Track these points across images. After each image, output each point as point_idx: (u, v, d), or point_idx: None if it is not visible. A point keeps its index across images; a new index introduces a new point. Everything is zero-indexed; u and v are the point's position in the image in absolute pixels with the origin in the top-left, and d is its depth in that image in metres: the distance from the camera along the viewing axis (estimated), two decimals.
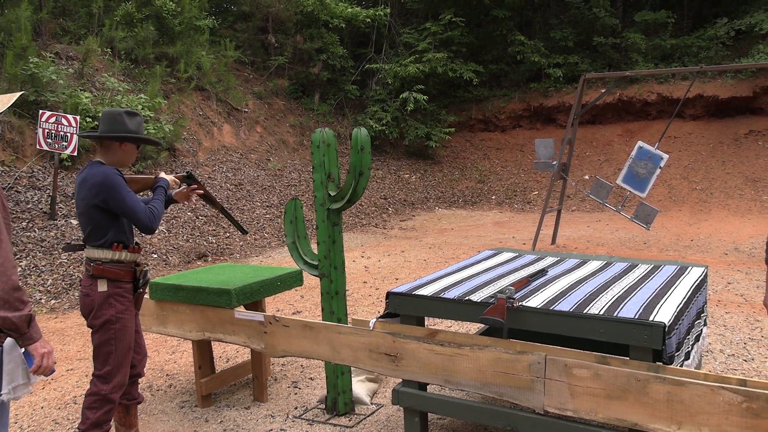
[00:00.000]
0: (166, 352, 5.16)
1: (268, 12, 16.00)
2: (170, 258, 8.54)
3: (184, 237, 9.29)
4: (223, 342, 3.76)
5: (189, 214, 9.96)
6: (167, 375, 4.64)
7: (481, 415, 3.01)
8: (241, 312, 3.59)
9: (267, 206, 11.53)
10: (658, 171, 8.70)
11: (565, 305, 2.82)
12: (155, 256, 8.51)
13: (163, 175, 3.33)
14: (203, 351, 4.03)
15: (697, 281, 3.33)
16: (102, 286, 2.95)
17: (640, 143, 8.93)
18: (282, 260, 8.75)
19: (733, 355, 4.67)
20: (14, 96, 2.51)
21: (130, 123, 3.05)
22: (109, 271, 2.96)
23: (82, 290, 3.02)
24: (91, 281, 2.97)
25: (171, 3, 12.69)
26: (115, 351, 2.99)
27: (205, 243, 9.33)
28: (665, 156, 8.75)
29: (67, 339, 5.62)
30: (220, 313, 3.67)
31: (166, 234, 9.17)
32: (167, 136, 10.72)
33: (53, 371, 2.42)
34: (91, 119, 9.25)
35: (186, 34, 13.34)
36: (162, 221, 9.33)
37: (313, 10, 15.65)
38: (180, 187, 3.41)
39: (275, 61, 15.79)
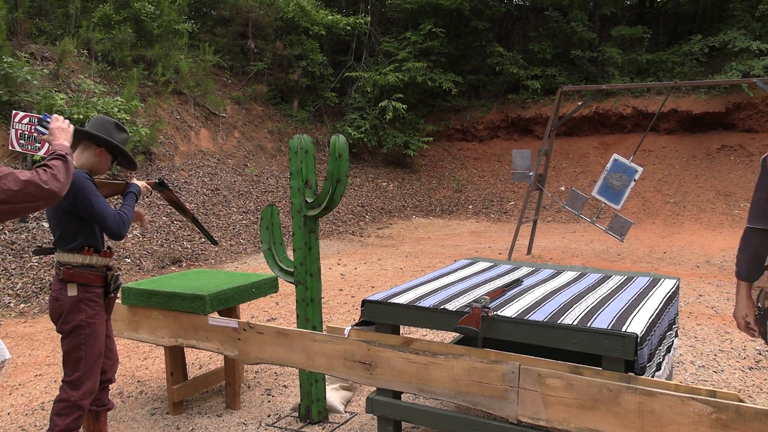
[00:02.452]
0: (138, 358, 5.09)
1: (248, 17, 15.96)
2: (144, 263, 8.44)
3: (159, 242, 9.19)
4: (197, 348, 3.72)
5: (164, 218, 9.86)
6: (138, 381, 4.57)
7: (455, 424, 3.01)
8: (214, 318, 3.56)
9: (243, 212, 11.45)
10: (633, 184, 8.79)
11: (540, 315, 2.84)
12: (129, 260, 8.40)
13: (135, 181, 3.29)
14: (176, 357, 3.98)
15: (669, 293, 3.37)
16: (72, 291, 2.91)
17: (615, 156, 9.03)
18: (257, 267, 8.69)
19: (704, 366, 4.74)
20: None
21: (116, 134, 3.06)
22: (79, 276, 2.93)
23: (52, 294, 2.98)
24: (60, 285, 2.93)
25: (150, 6, 12.59)
26: (85, 357, 2.94)
27: (179, 248, 9.24)
28: (639, 169, 8.86)
29: (36, 344, 5.52)
30: (194, 320, 3.63)
31: (140, 239, 9.06)
32: (143, 139, 10.61)
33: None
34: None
35: (164, 37, 13.24)
36: (136, 225, 9.22)
37: (293, 16, 15.64)
38: (151, 194, 3.42)
39: (254, 67, 15.74)
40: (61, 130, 2.72)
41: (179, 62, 13.26)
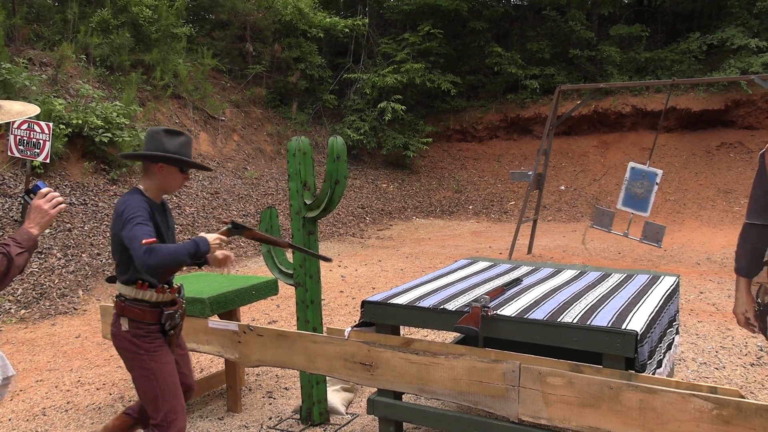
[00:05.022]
0: None
1: (246, 20, 15.97)
2: None
3: None
4: (197, 352, 3.71)
5: None
6: None
7: (456, 424, 3.00)
8: (214, 321, 3.55)
9: (243, 215, 11.45)
10: (656, 188, 8.58)
11: (539, 314, 2.83)
12: None
13: (203, 234, 2.77)
14: None
15: (669, 290, 3.37)
16: (124, 325, 2.67)
17: (631, 164, 8.84)
18: (258, 269, 8.69)
19: (705, 363, 4.73)
20: (27, 111, 2.36)
21: (169, 142, 2.70)
22: (129, 310, 2.66)
23: (112, 327, 2.76)
24: (116, 318, 2.72)
25: (148, 10, 12.60)
26: (162, 394, 2.68)
27: None
28: (659, 171, 8.67)
29: (37, 349, 5.52)
30: (194, 323, 3.63)
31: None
32: (142, 144, 10.60)
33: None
34: (64, 126, 9.13)
35: (163, 41, 13.25)
36: None
37: (291, 19, 15.66)
38: (228, 239, 2.87)
39: (253, 70, 15.75)
40: (39, 210, 2.25)
41: (178, 66, 13.28)
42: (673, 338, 3.49)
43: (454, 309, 2.96)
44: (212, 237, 2.72)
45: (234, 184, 12.50)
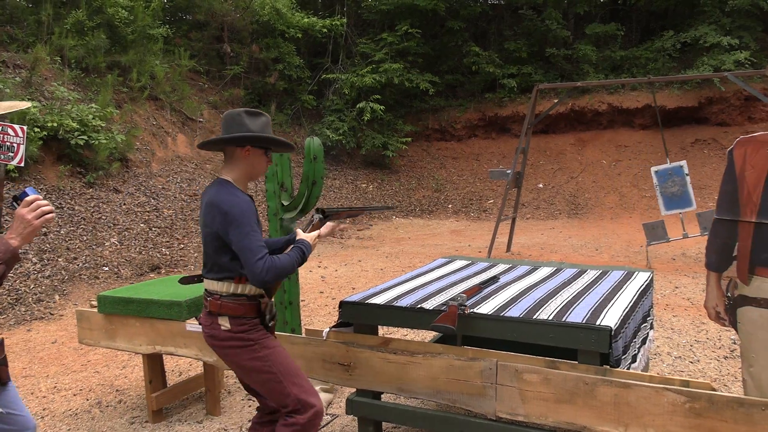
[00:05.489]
0: (116, 367, 5.04)
1: (224, 21, 15.88)
2: (122, 271, 8.36)
3: (137, 249, 9.11)
4: (175, 355, 3.70)
5: (142, 225, 9.77)
6: (117, 390, 4.53)
7: (435, 422, 3.02)
8: (192, 324, 3.54)
9: None
10: (688, 178, 8.47)
11: (516, 311, 2.86)
12: (106, 269, 8.32)
13: (300, 235, 2.71)
14: (154, 365, 3.95)
15: (643, 286, 3.42)
16: (224, 324, 2.54)
17: (653, 169, 8.77)
18: None
19: (680, 357, 4.80)
20: (17, 105, 2.25)
21: (252, 123, 2.55)
22: (228, 307, 2.54)
23: (206, 330, 2.61)
24: (211, 319, 2.57)
25: (123, 11, 12.48)
26: (285, 379, 2.55)
27: (158, 255, 9.16)
28: (683, 162, 8.61)
29: (12, 356, 5.45)
30: (171, 326, 3.61)
31: (118, 246, 8.98)
32: (119, 147, 10.51)
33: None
34: (39, 129, 9.01)
35: (139, 42, 13.13)
36: (114, 233, 9.14)
37: (269, 19, 15.59)
38: (320, 228, 2.82)
39: (231, 71, 15.66)
40: (22, 220, 2.07)
41: (154, 67, 13.16)
42: (648, 333, 3.54)
43: (431, 308, 2.98)
44: (311, 237, 2.70)
45: None
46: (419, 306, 3.02)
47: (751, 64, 14.06)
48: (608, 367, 2.62)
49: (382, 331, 5.52)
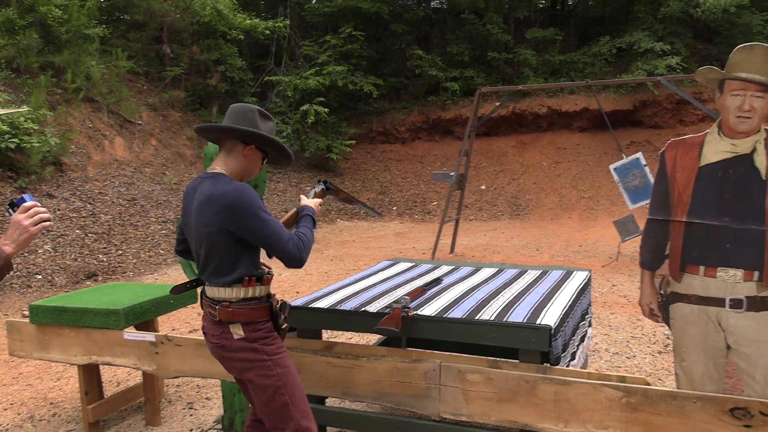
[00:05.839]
0: (50, 379, 4.86)
1: (163, 21, 15.53)
2: (56, 279, 8.07)
3: (72, 256, 8.81)
4: (112, 365, 3.58)
5: (77, 231, 9.46)
6: (51, 403, 4.36)
7: (380, 425, 3.01)
8: (130, 333, 3.44)
9: (162, 221, 11.13)
10: (647, 169, 8.53)
11: (458, 312, 2.88)
12: (39, 277, 8.02)
13: (304, 200, 2.71)
14: (90, 376, 3.82)
15: (581, 285, 3.50)
16: (237, 332, 2.39)
17: (611, 166, 8.88)
18: (179, 277, 8.46)
19: (618, 353, 4.94)
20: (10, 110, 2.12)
21: (263, 125, 2.48)
22: (241, 313, 2.40)
23: (213, 341, 2.45)
24: (221, 329, 2.41)
25: (57, 10, 12.06)
26: (291, 400, 2.44)
27: (95, 262, 8.88)
28: (638, 154, 8.70)
29: None
30: (108, 335, 3.50)
31: (52, 253, 8.66)
32: (53, 150, 10.15)
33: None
34: None
35: (74, 42, 12.70)
36: (48, 239, 8.81)
37: (210, 20, 15.34)
38: (322, 197, 2.84)
39: (171, 72, 15.33)
40: (17, 226, 1.99)
41: (90, 68, 12.76)
42: (587, 330, 3.63)
43: (375, 311, 2.98)
44: (315, 203, 2.69)
45: (152, 189, 12.13)
46: (363, 309, 3.01)
47: (682, 69, 14.62)
48: (548, 365, 2.67)
49: (326, 335, 5.49)
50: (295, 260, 2.37)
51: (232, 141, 2.46)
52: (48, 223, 2.05)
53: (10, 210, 2.05)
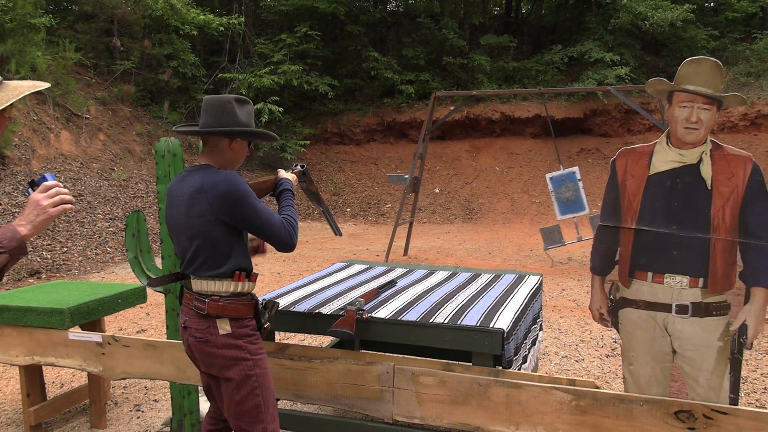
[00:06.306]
0: None
1: (113, 13, 15.14)
2: None
3: None
4: (56, 366, 3.47)
5: None
6: None
7: (332, 428, 3.00)
8: (76, 333, 3.34)
9: (110, 219, 10.85)
10: (581, 183, 8.77)
11: (413, 315, 2.89)
12: None
13: (282, 173, 2.72)
14: (32, 377, 3.69)
15: (533, 289, 3.55)
16: (224, 327, 2.35)
17: (548, 175, 9.09)
18: (126, 276, 8.26)
19: (567, 356, 5.04)
20: (38, 85, 1.94)
21: (242, 114, 2.43)
22: (229, 308, 2.36)
23: (195, 335, 2.38)
24: (207, 323, 2.36)
25: None
26: (264, 402, 2.41)
27: (38, 258, 8.60)
28: (575, 168, 8.93)
29: None
30: (52, 335, 3.39)
31: None
32: None
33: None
34: None
35: (18, 32, 12.26)
36: None
37: (162, 14, 15.02)
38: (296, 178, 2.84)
39: (121, 66, 14.95)
40: (35, 206, 1.82)
41: (36, 59, 12.33)
42: (537, 334, 3.69)
43: (329, 313, 2.96)
44: (293, 177, 2.80)
45: (100, 186, 11.81)
46: (317, 311, 2.99)
47: (630, 80, 15.05)
48: (501, 368, 2.71)
49: (279, 336, 5.44)
50: (288, 245, 2.43)
51: (216, 138, 2.44)
52: (69, 206, 1.89)
53: (29, 189, 1.89)
